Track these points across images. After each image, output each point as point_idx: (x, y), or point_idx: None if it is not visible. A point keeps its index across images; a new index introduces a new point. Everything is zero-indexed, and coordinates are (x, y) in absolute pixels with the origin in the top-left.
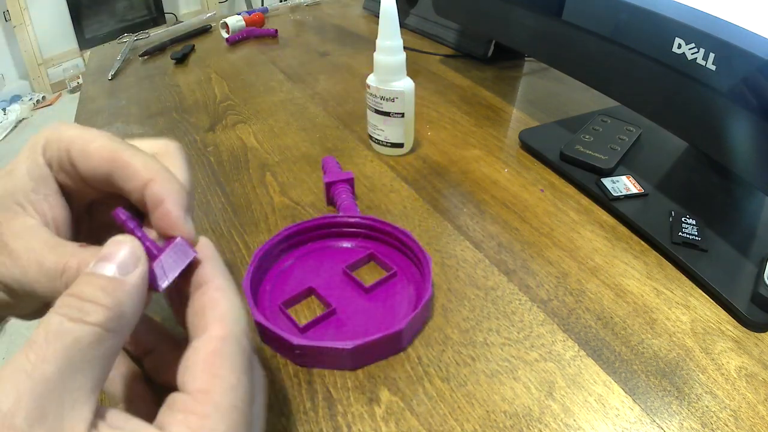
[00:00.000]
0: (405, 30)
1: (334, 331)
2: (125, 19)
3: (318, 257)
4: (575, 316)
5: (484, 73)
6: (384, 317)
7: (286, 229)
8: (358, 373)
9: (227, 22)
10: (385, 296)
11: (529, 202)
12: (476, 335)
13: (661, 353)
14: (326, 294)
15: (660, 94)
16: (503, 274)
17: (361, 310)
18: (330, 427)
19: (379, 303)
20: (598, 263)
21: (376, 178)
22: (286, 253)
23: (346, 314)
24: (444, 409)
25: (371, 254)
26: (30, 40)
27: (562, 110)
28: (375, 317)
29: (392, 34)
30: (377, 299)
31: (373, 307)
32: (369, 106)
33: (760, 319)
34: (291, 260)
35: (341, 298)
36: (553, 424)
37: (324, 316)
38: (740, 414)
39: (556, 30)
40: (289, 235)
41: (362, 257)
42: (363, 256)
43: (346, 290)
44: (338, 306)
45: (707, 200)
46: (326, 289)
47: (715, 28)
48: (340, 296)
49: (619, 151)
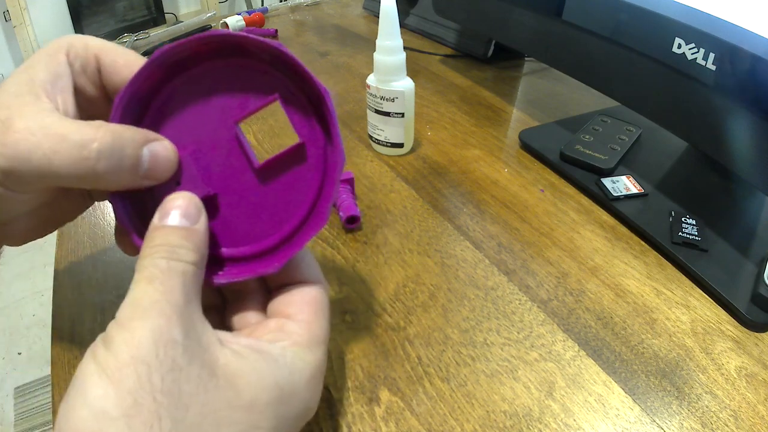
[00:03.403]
0: (405, 30)
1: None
2: (125, 19)
3: (203, 95)
4: (575, 316)
5: (484, 73)
6: (265, 231)
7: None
8: (358, 373)
9: (227, 22)
10: (281, 185)
11: (529, 202)
12: (476, 335)
13: (661, 353)
14: (204, 169)
15: (660, 94)
16: (503, 274)
17: (246, 204)
18: (330, 427)
19: (268, 197)
20: (598, 263)
21: (376, 178)
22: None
23: (229, 207)
24: (444, 409)
25: (273, 99)
26: (30, 40)
27: (562, 110)
28: (257, 226)
29: (392, 34)
30: (269, 188)
31: (261, 202)
32: (369, 106)
33: (760, 319)
34: (168, 98)
35: (224, 177)
36: (553, 424)
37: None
38: (740, 414)
39: (556, 30)
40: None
41: (262, 104)
42: (263, 103)
43: (233, 163)
44: (221, 191)
45: (707, 200)
46: (205, 157)
47: (715, 28)
48: (222, 173)
49: (619, 151)
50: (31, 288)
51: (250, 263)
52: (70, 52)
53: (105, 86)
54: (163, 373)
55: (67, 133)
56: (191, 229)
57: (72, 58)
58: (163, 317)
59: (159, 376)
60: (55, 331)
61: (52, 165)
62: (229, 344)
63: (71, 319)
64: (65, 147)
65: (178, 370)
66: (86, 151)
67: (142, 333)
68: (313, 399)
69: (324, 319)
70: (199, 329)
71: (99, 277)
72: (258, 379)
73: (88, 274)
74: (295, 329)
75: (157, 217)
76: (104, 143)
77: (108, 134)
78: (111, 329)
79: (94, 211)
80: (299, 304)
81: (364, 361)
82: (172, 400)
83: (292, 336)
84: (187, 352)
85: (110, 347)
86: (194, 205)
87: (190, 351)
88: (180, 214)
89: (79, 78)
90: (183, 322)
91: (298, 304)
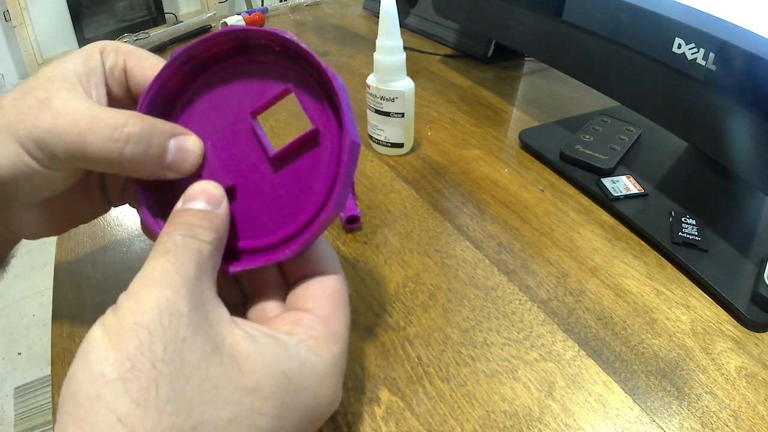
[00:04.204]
0: (405, 30)
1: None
2: (125, 19)
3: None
4: (575, 316)
5: (484, 73)
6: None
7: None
8: (358, 373)
9: (227, 22)
10: (297, 173)
11: (529, 202)
12: (476, 335)
13: (661, 353)
14: (224, 162)
15: (660, 94)
16: (503, 274)
17: (262, 195)
18: (330, 427)
19: (284, 186)
20: (598, 263)
21: (376, 178)
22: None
23: (247, 198)
24: (444, 409)
25: (287, 90)
26: (30, 40)
27: (562, 110)
28: (275, 216)
29: (392, 34)
30: (284, 177)
31: (278, 192)
32: (369, 106)
33: (760, 319)
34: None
35: (242, 169)
36: (553, 424)
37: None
38: (740, 414)
39: (556, 30)
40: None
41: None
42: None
43: (250, 155)
44: (239, 183)
45: (707, 200)
46: (225, 150)
47: (715, 28)
48: (239, 165)
49: (619, 151)
50: (31, 288)
51: (266, 253)
52: (103, 52)
53: (130, 88)
54: (166, 342)
55: (102, 115)
56: (212, 213)
57: (104, 58)
58: (170, 288)
59: (161, 345)
60: (55, 331)
61: (86, 142)
62: (242, 326)
63: (71, 319)
64: (99, 127)
65: (181, 341)
66: (117, 132)
67: (148, 301)
68: (327, 395)
69: (343, 314)
70: (209, 306)
71: (99, 277)
72: (264, 365)
73: (88, 274)
74: (313, 323)
75: (180, 202)
76: (135, 129)
77: (139, 121)
78: (120, 298)
79: None
80: (317, 297)
81: (364, 361)
82: (172, 370)
83: (308, 330)
84: (192, 324)
85: (117, 313)
86: (217, 192)
87: (195, 324)
88: (203, 200)
89: (108, 77)
90: (191, 296)
91: (316, 298)
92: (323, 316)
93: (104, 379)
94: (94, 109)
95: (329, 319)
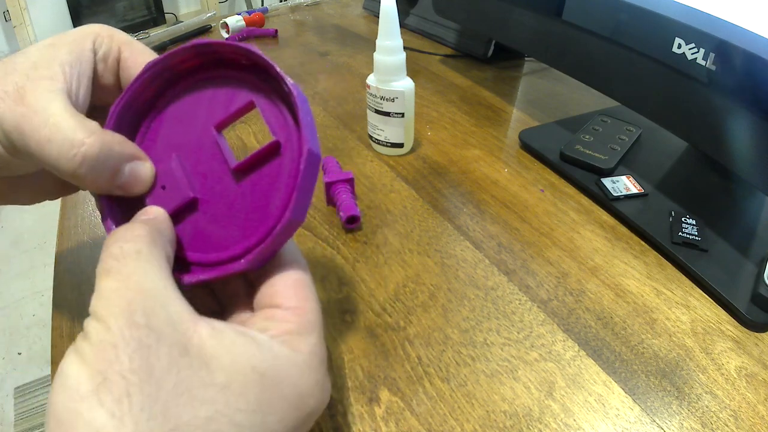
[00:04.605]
0: (405, 30)
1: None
2: (125, 19)
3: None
4: (575, 316)
5: (484, 73)
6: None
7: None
8: (358, 373)
9: (227, 22)
10: (259, 185)
11: (529, 202)
12: (476, 335)
13: (661, 353)
14: (188, 174)
15: (660, 94)
16: (503, 274)
17: (226, 207)
18: (330, 427)
19: (246, 198)
20: (598, 263)
21: (376, 178)
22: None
23: (210, 210)
24: (444, 409)
25: (250, 104)
26: (30, 40)
27: (562, 110)
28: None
29: (392, 34)
30: (246, 189)
31: (239, 204)
32: (369, 106)
33: (760, 319)
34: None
35: (206, 182)
36: (553, 424)
37: (182, 209)
38: (740, 414)
39: (556, 30)
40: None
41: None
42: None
43: (215, 168)
44: (204, 195)
45: (707, 200)
46: (190, 163)
47: (715, 28)
48: (204, 178)
49: (619, 151)
50: (31, 288)
51: (226, 265)
52: (96, 39)
53: (121, 78)
54: (130, 353)
55: (66, 127)
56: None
57: (97, 45)
58: (123, 303)
59: (126, 356)
60: (55, 331)
61: (44, 151)
62: (208, 321)
63: (71, 319)
64: (58, 139)
65: (146, 348)
66: (74, 151)
67: (107, 319)
68: (310, 386)
69: (312, 300)
70: (170, 305)
71: None
72: (232, 362)
73: (88, 274)
74: (285, 316)
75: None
76: (91, 151)
77: (97, 142)
78: (85, 323)
79: (94, 211)
80: (282, 291)
81: (364, 361)
82: (142, 377)
83: (282, 324)
84: (154, 332)
85: (85, 337)
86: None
87: (156, 331)
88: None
89: (99, 64)
90: (144, 306)
91: (281, 292)
92: (293, 308)
93: (79, 394)
94: (59, 117)
95: (299, 309)
